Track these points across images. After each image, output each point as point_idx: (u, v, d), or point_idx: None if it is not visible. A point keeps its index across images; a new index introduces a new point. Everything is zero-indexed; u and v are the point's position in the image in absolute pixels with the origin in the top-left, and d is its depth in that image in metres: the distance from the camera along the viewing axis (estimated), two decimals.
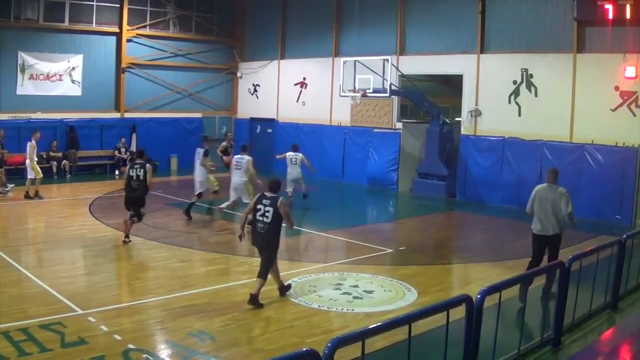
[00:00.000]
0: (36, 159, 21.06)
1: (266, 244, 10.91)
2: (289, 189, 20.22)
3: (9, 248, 14.04)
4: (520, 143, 21.41)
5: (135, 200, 14.89)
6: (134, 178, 14.72)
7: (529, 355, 8.02)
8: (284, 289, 11.33)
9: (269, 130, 30.45)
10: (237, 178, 17.55)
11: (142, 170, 14.75)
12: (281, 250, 15.81)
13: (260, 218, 10.77)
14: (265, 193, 10.96)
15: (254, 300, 10.58)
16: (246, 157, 17.76)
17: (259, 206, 10.80)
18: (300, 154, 20.67)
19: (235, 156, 18.28)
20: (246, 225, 11.48)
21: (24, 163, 25.00)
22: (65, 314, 9.87)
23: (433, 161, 23.72)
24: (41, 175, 21.06)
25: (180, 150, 29.60)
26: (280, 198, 10.81)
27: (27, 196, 20.72)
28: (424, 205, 22.51)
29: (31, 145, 20.84)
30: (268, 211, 10.70)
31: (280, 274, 12.43)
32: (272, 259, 11.00)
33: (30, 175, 20.77)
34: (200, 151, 19.14)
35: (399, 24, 25.25)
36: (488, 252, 15.57)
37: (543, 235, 11.48)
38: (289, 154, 20.75)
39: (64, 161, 26.24)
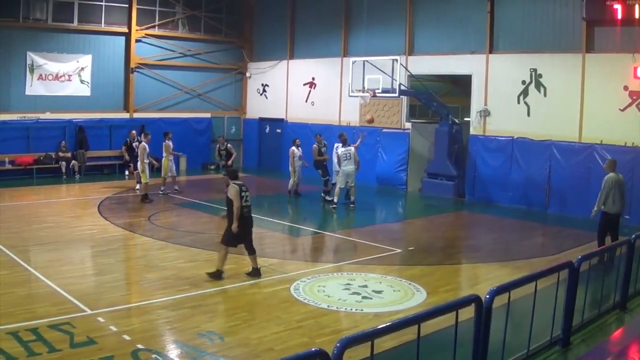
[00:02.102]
0: (147, 161, 21.20)
1: (252, 223, 12.55)
2: (341, 185, 20.46)
3: (19, 248, 14.09)
4: (529, 143, 21.37)
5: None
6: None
7: (538, 355, 8.00)
8: (219, 274, 12.20)
9: (278, 131, 30.48)
10: (349, 166, 20.31)
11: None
12: (290, 250, 15.96)
13: (246, 203, 12.17)
14: (235, 182, 12.25)
15: (259, 272, 12.35)
16: (352, 148, 20.62)
17: (242, 194, 12.08)
18: (353, 148, 20.82)
19: (342, 148, 20.58)
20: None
21: (33, 163, 25.35)
22: (74, 314, 9.90)
23: (442, 161, 23.70)
24: (147, 181, 21.04)
25: (189, 150, 29.66)
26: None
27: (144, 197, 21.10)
28: (432, 205, 22.49)
29: (141, 147, 21.13)
30: (248, 195, 12.29)
31: (290, 274, 12.53)
32: None
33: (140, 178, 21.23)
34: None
35: (408, 24, 25.22)
36: (497, 252, 15.55)
37: (614, 214, 13.84)
38: (340, 150, 20.68)
39: (73, 161, 26.29)
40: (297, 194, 22.28)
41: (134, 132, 24.16)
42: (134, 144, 23.72)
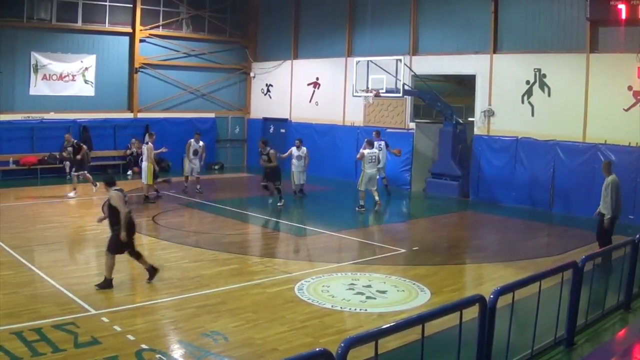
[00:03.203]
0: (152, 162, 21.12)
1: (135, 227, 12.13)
2: (364, 188, 20.31)
3: (23, 248, 14.10)
4: (533, 143, 21.33)
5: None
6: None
7: (542, 355, 8.00)
8: (153, 269, 12.06)
9: (282, 131, 30.46)
10: (374, 170, 20.44)
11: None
12: (294, 250, 15.94)
13: (129, 208, 11.85)
14: (115, 189, 11.74)
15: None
16: (377, 150, 20.82)
17: (125, 199, 11.76)
18: (380, 148, 21.54)
19: (368, 150, 20.31)
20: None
21: (38, 163, 25.37)
22: (78, 314, 9.92)
23: (446, 161, 23.68)
24: (151, 183, 20.87)
25: None
26: None
27: (145, 199, 20.76)
28: (437, 205, 22.46)
29: (148, 148, 20.91)
30: (127, 200, 11.93)
31: (294, 274, 12.52)
32: None
33: (143, 179, 21.02)
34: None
35: (412, 24, 25.19)
36: (501, 252, 15.53)
37: (617, 217, 13.63)
38: (367, 152, 20.32)
39: None
40: (302, 193, 22.28)
41: (67, 135, 23.16)
42: (68, 148, 22.98)
